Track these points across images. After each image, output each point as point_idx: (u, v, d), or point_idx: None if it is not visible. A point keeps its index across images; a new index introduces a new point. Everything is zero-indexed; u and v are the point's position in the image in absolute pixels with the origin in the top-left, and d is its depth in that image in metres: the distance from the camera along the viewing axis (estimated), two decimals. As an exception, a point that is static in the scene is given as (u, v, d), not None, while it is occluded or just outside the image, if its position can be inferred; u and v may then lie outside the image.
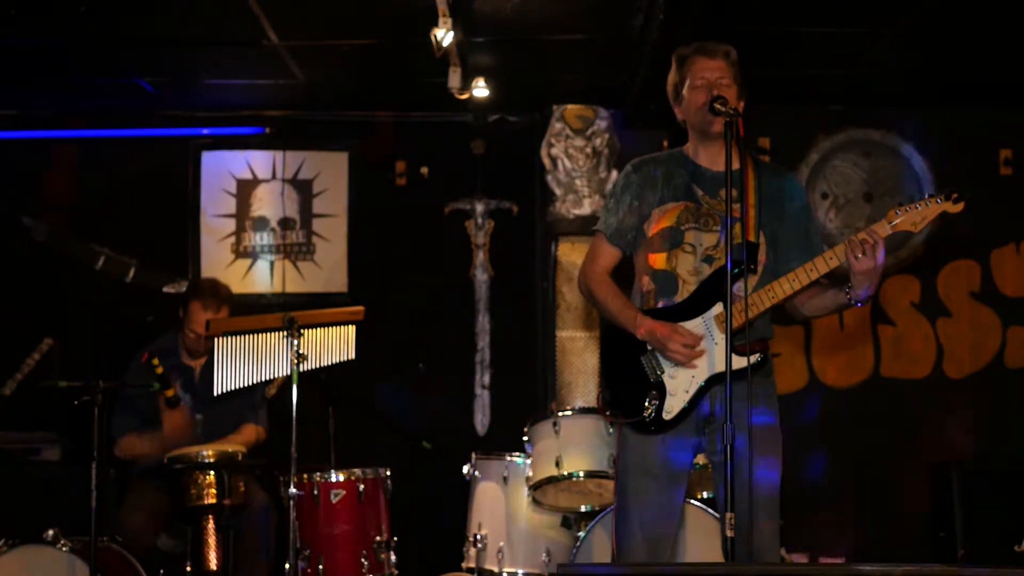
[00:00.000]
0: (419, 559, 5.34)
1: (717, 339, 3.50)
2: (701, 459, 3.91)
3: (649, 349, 3.58)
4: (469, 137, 6.60)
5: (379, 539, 4.76)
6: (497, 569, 4.97)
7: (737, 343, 3.34)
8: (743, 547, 3.33)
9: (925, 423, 6.38)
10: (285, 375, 4.69)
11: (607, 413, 3.73)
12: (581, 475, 4.77)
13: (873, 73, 5.91)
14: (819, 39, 5.44)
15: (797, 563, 5.73)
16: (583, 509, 4.89)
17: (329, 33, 5.41)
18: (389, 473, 4.89)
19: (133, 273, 6.49)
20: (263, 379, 4.70)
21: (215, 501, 4.66)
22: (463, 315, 6.57)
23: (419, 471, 5.71)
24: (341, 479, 4.75)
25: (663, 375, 3.55)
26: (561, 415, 4.93)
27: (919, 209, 3.37)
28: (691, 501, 4.60)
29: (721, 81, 3.57)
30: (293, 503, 4.44)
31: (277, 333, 4.60)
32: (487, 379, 6.56)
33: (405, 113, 6.62)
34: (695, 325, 3.54)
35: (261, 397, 5.24)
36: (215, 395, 4.65)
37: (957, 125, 6.43)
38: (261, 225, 6.58)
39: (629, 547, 3.58)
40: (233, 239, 6.58)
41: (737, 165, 3.39)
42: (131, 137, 6.62)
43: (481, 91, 5.91)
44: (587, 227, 6.07)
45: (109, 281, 6.47)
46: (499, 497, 5.04)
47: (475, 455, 5.22)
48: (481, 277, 6.60)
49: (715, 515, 4.51)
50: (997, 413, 6.37)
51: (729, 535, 3.17)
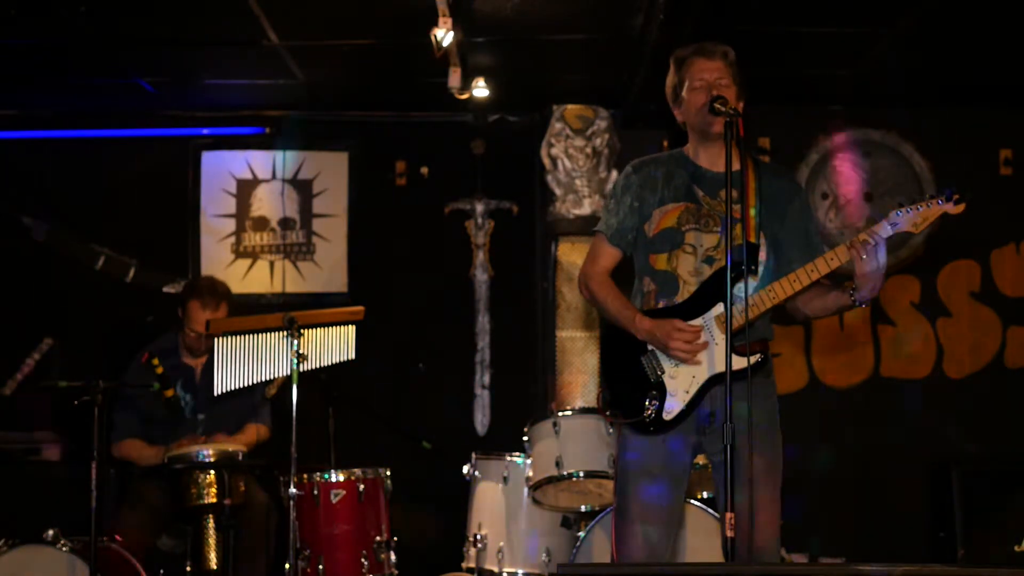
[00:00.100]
0: (419, 559, 5.34)
1: (717, 339, 3.50)
2: (701, 459, 3.91)
3: (649, 349, 3.58)
4: (469, 137, 6.60)
5: (379, 539, 4.77)
6: (497, 569, 4.97)
7: (737, 343, 3.34)
8: (743, 547, 3.34)
9: (925, 423, 6.38)
10: (285, 375, 4.69)
11: (607, 413, 3.73)
12: (581, 475, 4.77)
13: (873, 73, 5.91)
14: (819, 39, 5.44)
15: (797, 563, 5.73)
16: (583, 509, 4.90)
17: (329, 33, 5.41)
18: (389, 473, 4.90)
19: (133, 273, 6.49)
20: (263, 379, 4.70)
21: (215, 501, 4.67)
22: (463, 315, 6.57)
23: (419, 471, 5.71)
24: (341, 479, 4.75)
25: (663, 375, 3.55)
26: (561, 415, 4.93)
27: (920, 210, 3.37)
28: (691, 501, 4.60)
29: (720, 82, 3.57)
30: (293, 503, 4.44)
31: (277, 333, 4.61)
32: (487, 379, 6.55)
33: (405, 113, 6.62)
34: (695, 326, 3.54)
35: (262, 396, 5.24)
36: (215, 395, 4.65)
37: (957, 125, 6.43)
38: (261, 225, 6.58)
39: (629, 547, 3.58)
40: (233, 239, 6.58)
41: (737, 166, 3.38)
42: (131, 137, 6.61)
43: (481, 91, 5.91)
44: (587, 227, 6.07)
45: (109, 281, 6.47)
46: (499, 497, 5.04)
47: (475, 455, 5.22)
48: (481, 277, 6.60)
49: (715, 515, 4.51)
50: (997, 413, 6.37)
51: (729, 535, 3.17)
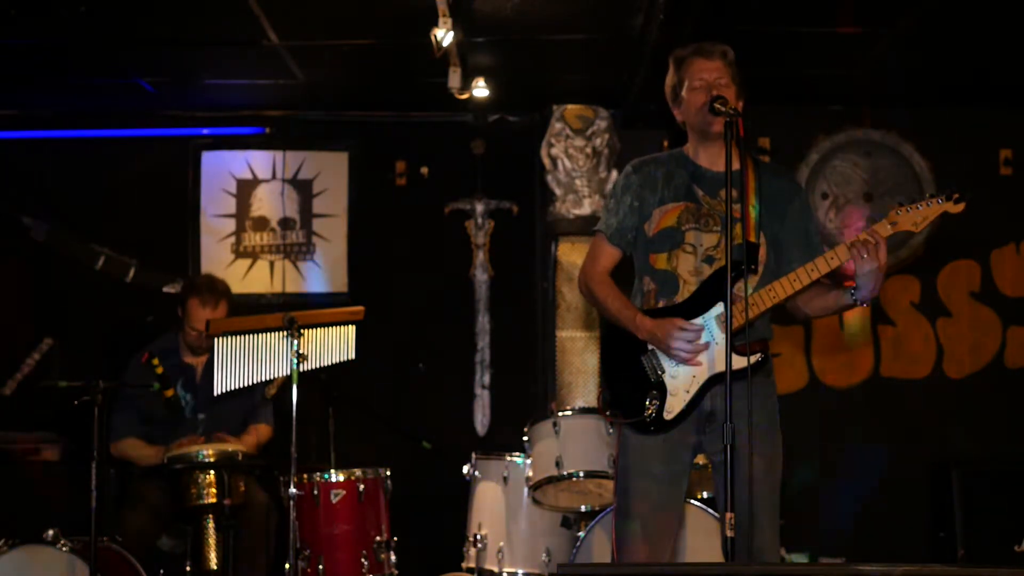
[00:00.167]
0: (419, 559, 5.34)
1: (718, 339, 3.50)
2: (701, 459, 3.91)
3: (650, 349, 3.58)
4: (469, 137, 6.60)
5: (379, 539, 4.77)
6: (497, 569, 4.97)
7: (737, 343, 3.34)
8: (743, 547, 3.34)
9: (925, 423, 6.38)
10: (285, 375, 4.68)
11: (607, 413, 3.73)
12: (581, 475, 4.76)
13: (873, 73, 5.91)
14: (819, 39, 5.44)
15: (797, 563, 5.73)
16: (583, 509, 4.89)
17: (329, 33, 5.41)
18: (389, 473, 4.90)
19: (133, 273, 6.49)
20: (263, 379, 4.70)
21: (215, 501, 4.67)
22: (463, 315, 6.57)
23: (419, 471, 5.71)
24: (341, 479, 4.75)
25: (664, 375, 3.55)
26: (561, 415, 4.93)
27: (920, 209, 3.38)
28: (691, 501, 4.60)
29: (719, 81, 3.57)
30: (293, 503, 4.44)
31: (277, 333, 4.60)
32: (487, 379, 6.55)
33: (405, 113, 6.62)
34: (697, 325, 3.54)
35: (262, 396, 5.24)
36: (215, 395, 4.65)
37: (957, 125, 6.43)
38: (261, 225, 6.58)
39: (629, 547, 3.58)
40: (233, 239, 6.58)
41: (737, 165, 3.38)
42: (131, 137, 6.61)
43: (481, 91, 5.90)
44: (587, 227, 6.07)
45: (109, 281, 6.47)
46: (499, 497, 5.04)
47: (475, 455, 5.22)
48: (481, 277, 6.60)
49: (715, 515, 4.51)
50: (997, 413, 6.37)
51: (729, 535, 3.17)
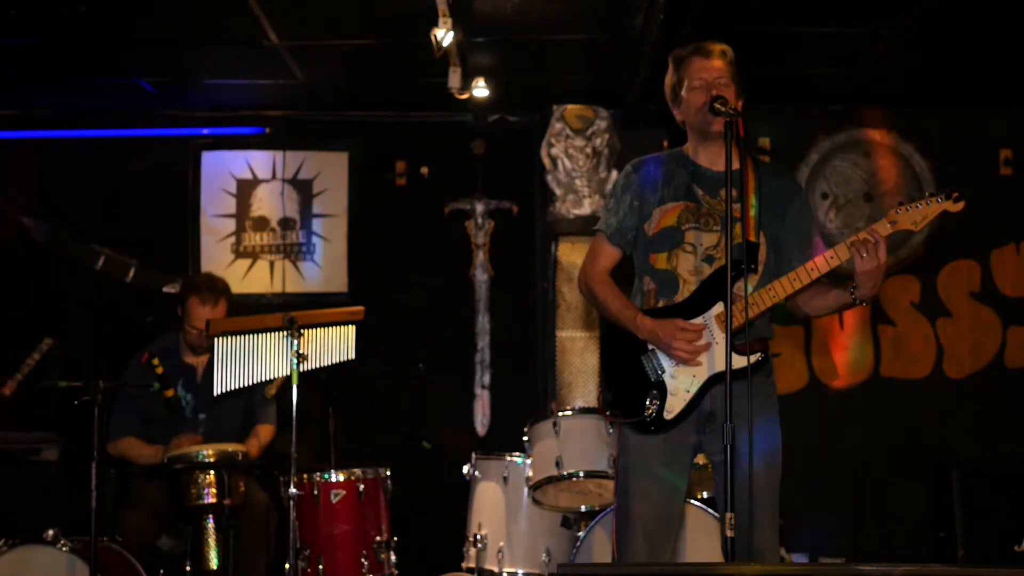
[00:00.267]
0: (419, 559, 5.34)
1: (718, 338, 3.50)
2: (701, 459, 3.91)
3: (650, 349, 3.58)
4: (469, 137, 6.60)
5: (379, 539, 4.76)
6: (497, 569, 4.97)
7: (737, 343, 3.34)
8: (743, 547, 3.34)
9: (925, 423, 6.38)
10: (285, 375, 4.68)
11: (607, 413, 3.73)
12: (581, 475, 4.76)
13: (873, 73, 5.91)
14: (819, 39, 5.44)
15: (797, 563, 5.73)
16: (583, 509, 4.89)
17: (329, 33, 5.41)
18: (389, 473, 4.89)
19: (133, 273, 6.49)
20: (263, 379, 4.70)
21: (215, 501, 4.66)
22: (463, 315, 6.57)
23: (419, 471, 5.71)
24: (341, 479, 4.75)
25: (664, 375, 3.55)
26: (561, 415, 4.93)
27: (920, 208, 3.38)
28: (691, 501, 4.60)
29: (719, 81, 3.56)
30: (293, 503, 4.44)
31: (277, 333, 4.60)
32: (487, 379, 6.55)
33: (405, 113, 6.62)
34: (698, 325, 3.54)
35: (262, 396, 5.24)
36: (215, 395, 4.65)
37: (957, 125, 6.44)
38: (261, 225, 6.58)
39: (630, 547, 3.58)
40: (233, 239, 6.58)
41: (737, 165, 3.38)
42: (131, 137, 6.61)
43: (481, 91, 5.90)
44: (587, 227, 6.07)
45: (109, 281, 6.47)
46: (499, 497, 5.04)
47: (475, 455, 5.22)
48: (481, 277, 6.60)
49: (715, 515, 4.51)
50: (997, 413, 6.37)
51: (729, 535, 3.17)
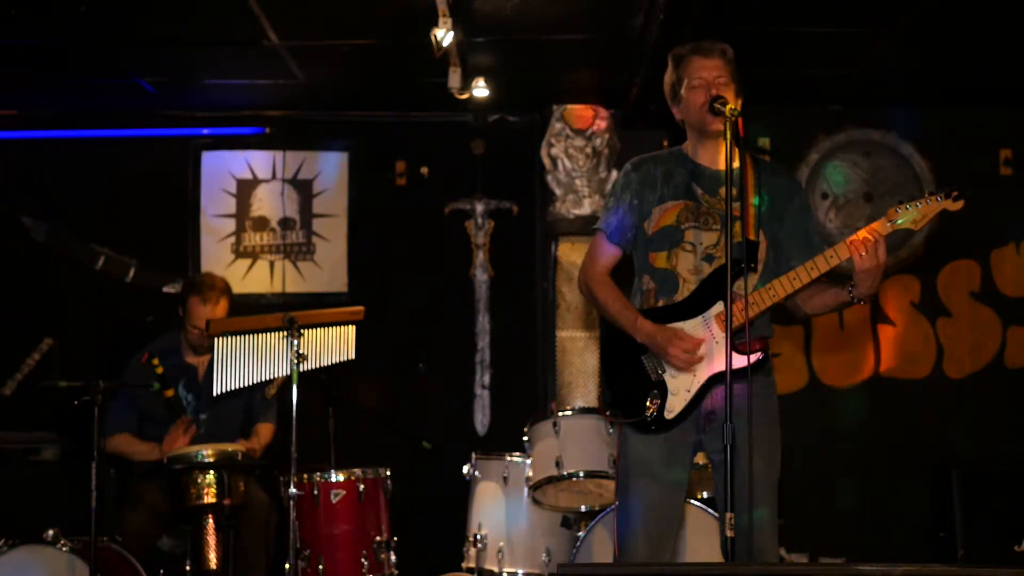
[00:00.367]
0: (419, 559, 5.34)
1: (718, 338, 3.50)
2: (701, 459, 3.91)
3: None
4: (469, 137, 6.60)
5: (379, 539, 4.77)
6: (497, 569, 4.97)
7: (737, 342, 3.34)
8: (743, 547, 3.34)
9: (925, 423, 6.38)
10: (285, 375, 4.68)
11: (607, 413, 3.73)
12: (581, 475, 4.76)
13: (873, 73, 5.91)
14: (819, 39, 5.44)
15: (797, 563, 5.72)
16: (583, 509, 4.89)
17: (329, 33, 5.40)
18: (389, 473, 4.90)
19: (133, 273, 6.49)
20: (263, 379, 4.70)
21: (215, 501, 4.66)
22: (463, 315, 6.57)
23: (419, 471, 5.71)
24: (341, 479, 4.75)
25: (664, 374, 3.55)
26: (561, 415, 4.93)
27: (919, 207, 3.38)
28: (691, 501, 4.60)
29: (719, 80, 3.57)
30: (293, 503, 4.44)
31: (277, 333, 4.60)
32: (487, 379, 6.55)
33: (405, 113, 6.62)
34: (695, 324, 3.54)
35: (262, 396, 5.24)
36: (215, 395, 4.65)
37: (957, 125, 6.43)
38: (261, 225, 6.58)
39: (630, 547, 3.58)
40: (233, 239, 6.57)
41: (737, 164, 3.38)
42: (131, 137, 6.61)
43: (481, 91, 5.90)
44: (587, 227, 6.07)
45: (109, 281, 6.47)
46: (499, 497, 5.04)
47: (475, 455, 5.22)
48: (481, 277, 6.60)
49: (715, 515, 4.51)
50: (997, 413, 6.37)
51: (729, 535, 3.17)
